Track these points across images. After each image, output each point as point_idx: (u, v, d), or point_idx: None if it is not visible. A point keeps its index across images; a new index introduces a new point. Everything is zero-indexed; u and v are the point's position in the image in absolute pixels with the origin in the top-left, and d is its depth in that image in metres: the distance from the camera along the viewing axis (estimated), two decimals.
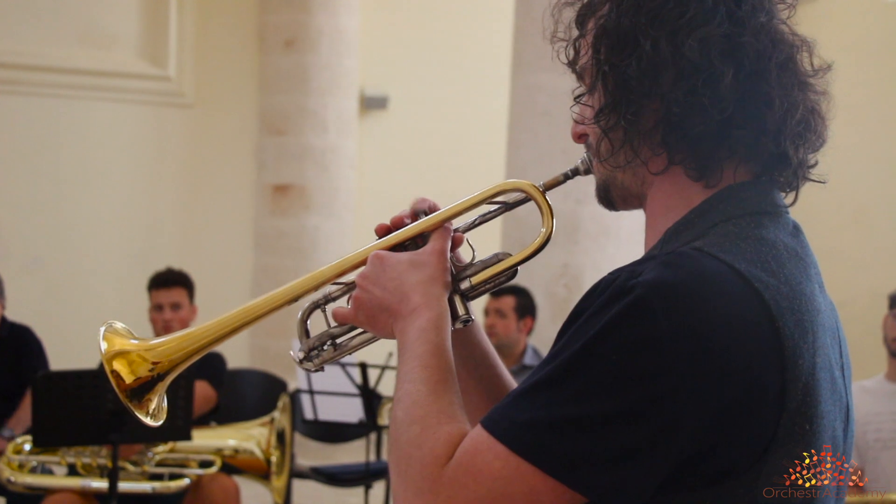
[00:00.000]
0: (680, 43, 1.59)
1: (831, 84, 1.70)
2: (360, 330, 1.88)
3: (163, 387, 1.85)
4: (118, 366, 1.82)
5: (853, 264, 8.84)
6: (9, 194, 9.48)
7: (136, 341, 1.86)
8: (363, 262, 1.83)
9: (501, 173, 7.49)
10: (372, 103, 10.87)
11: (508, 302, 6.37)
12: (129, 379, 1.82)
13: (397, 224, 1.86)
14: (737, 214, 1.61)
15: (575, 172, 1.80)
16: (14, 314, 6.60)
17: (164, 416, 1.87)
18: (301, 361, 1.90)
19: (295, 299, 1.86)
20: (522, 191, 1.83)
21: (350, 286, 1.87)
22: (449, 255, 1.81)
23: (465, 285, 1.83)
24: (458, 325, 1.80)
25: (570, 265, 6.66)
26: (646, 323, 1.46)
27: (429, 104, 10.98)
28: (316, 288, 1.87)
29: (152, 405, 1.84)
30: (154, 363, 1.83)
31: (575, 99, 1.75)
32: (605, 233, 6.63)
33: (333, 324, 1.89)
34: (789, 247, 1.61)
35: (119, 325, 1.88)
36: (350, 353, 1.93)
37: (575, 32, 1.75)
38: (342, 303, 1.88)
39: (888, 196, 9.20)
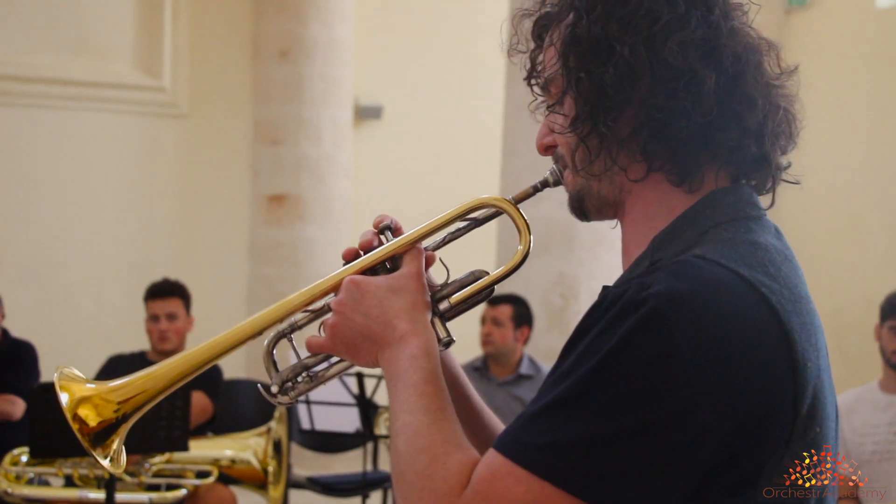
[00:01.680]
0: (658, 48, 1.57)
1: (798, 86, 1.69)
2: (336, 359, 1.79)
3: (125, 430, 1.77)
4: (84, 412, 1.75)
5: (848, 271, 8.85)
6: (3, 205, 9.48)
7: (92, 385, 1.78)
8: (333, 289, 1.76)
9: (496, 182, 7.50)
10: (366, 113, 10.88)
11: (505, 311, 6.37)
12: (93, 422, 1.75)
13: (366, 247, 1.80)
14: (725, 220, 1.59)
15: (544, 185, 1.77)
16: (10, 326, 6.60)
17: (124, 462, 1.80)
18: (275, 396, 1.80)
19: (262, 331, 1.79)
20: (496, 206, 1.78)
21: (317, 313, 1.79)
22: (425, 276, 1.76)
23: (443, 306, 1.77)
24: (441, 348, 1.73)
25: (566, 274, 6.68)
26: (662, 335, 1.43)
27: (423, 114, 10.99)
28: (284, 318, 1.79)
29: (113, 447, 1.77)
30: (119, 403, 1.76)
31: (548, 108, 1.70)
32: (600, 242, 6.65)
33: (304, 354, 1.80)
34: (778, 249, 1.59)
35: (72, 370, 1.80)
36: (325, 384, 1.84)
37: (532, 45, 1.72)
38: (310, 331, 1.81)
39: (883, 202, 9.20)
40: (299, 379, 1.80)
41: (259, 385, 1.85)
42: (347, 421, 6.58)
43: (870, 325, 5.29)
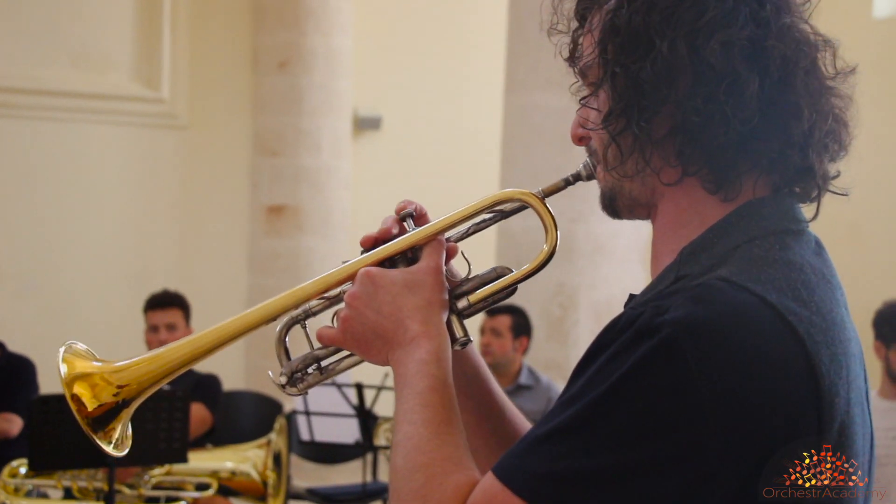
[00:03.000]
0: (700, 46, 1.46)
1: (854, 88, 1.59)
2: (347, 352, 1.71)
3: (128, 414, 1.68)
4: (80, 390, 1.64)
5: (847, 281, 8.75)
6: (2, 217, 9.48)
7: (98, 363, 1.68)
8: (348, 278, 1.67)
9: (495, 192, 7.47)
10: (365, 124, 10.89)
11: (504, 321, 6.37)
12: (91, 405, 1.64)
13: (385, 235, 1.71)
14: (759, 234, 1.48)
15: (576, 178, 1.67)
16: (9, 338, 6.60)
17: (129, 444, 1.70)
18: (284, 386, 1.72)
19: (274, 318, 1.70)
20: (523, 201, 1.70)
21: (333, 300, 1.71)
22: (444, 270, 1.66)
23: (462, 304, 1.68)
24: (457, 348, 1.66)
25: (566, 284, 6.67)
26: (675, 366, 1.33)
27: (422, 124, 11.00)
28: (297, 306, 1.70)
29: (116, 434, 1.67)
30: (120, 387, 1.66)
31: (580, 101, 1.60)
32: (599, 251, 6.64)
33: (316, 344, 1.71)
34: (816, 268, 1.49)
35: (80, 345, 1.71)
36: (337, 376, 1.75)
37: (574, 24, 1.62)
38: (324, 318, 1.74)
39: (882, 212, 9.22)
40: (309, 370, 1.72)
41: (269, 373, 1.79)
42: (347, 432, 6.58)
43: (870, 335, 5.29)
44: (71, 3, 9.71)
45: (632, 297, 1.56)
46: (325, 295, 1.71)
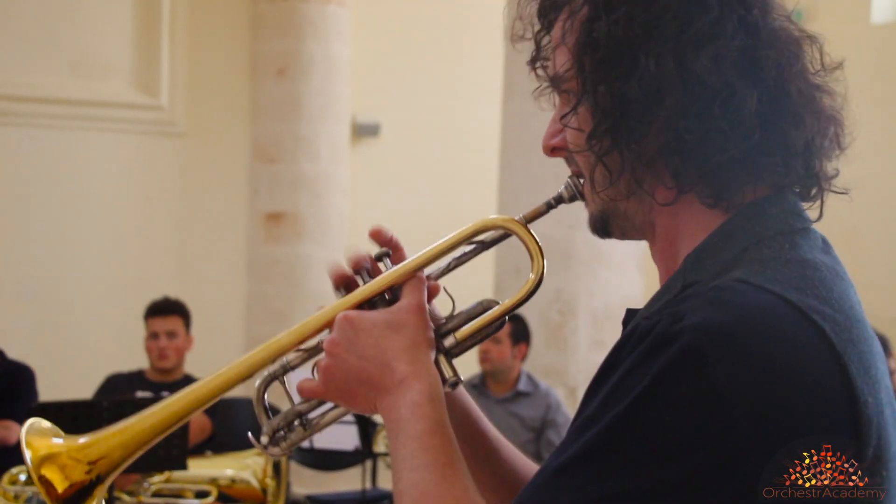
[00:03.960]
0: (689, 60, 1.35)
1: (846, 85, 1.49)
2: (331, 405, 1.61)
3: (102, 490, 1.57)
4: (48, 472, 1.53)
5: None
6: (1, 225, 9.48)
7: (60, 440, 1.57)
8: (326, 326, 1.57)
9: (494, 199, 7.49)
10: (364, 130, 10.89)
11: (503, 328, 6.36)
12: (61, 487, 1.53)
13: (357, 267, 1.61)
14: (767, 235, 1.39)
15: (559, 201, 1.57)
16: (8, 346, 6.59)
17: None
18: (266, 447, 1.61)
19: (250, 375, 1.60)
20: (505, 228, 1.58)
21: (311, 352, 1.60)
22: (427, 308, 1.56)
23: (449, 342, 1.58)
24: (447, 389, 1.54)
25: (564, 291, 6.67)
26: (700, 374, 1.23)
27: (420, 131, 11.00)
28: (274, 359, 1.60)
29: None
30: (91, 463, 1.56)
31: (561, 120, 1.48)
32: (598, 258, 6.64)
33: (298, 399, 1.61)
34: (829, 266, 1.39)
35: (44, 423, 1.59)
36: (321, 430, 1.64)
37: (538, 26, 1.52)
38: (304, 371, 1.62)
39: (880, 217, 9.22)
40: (293, 427, 1.62)
41: (249, 434, 1.67)
42: (346, 439, 6.57)
43: None
44: (69, 10, 9.72)
45: (630, 312, 1.49)
46: (303, 346, 1.61)
